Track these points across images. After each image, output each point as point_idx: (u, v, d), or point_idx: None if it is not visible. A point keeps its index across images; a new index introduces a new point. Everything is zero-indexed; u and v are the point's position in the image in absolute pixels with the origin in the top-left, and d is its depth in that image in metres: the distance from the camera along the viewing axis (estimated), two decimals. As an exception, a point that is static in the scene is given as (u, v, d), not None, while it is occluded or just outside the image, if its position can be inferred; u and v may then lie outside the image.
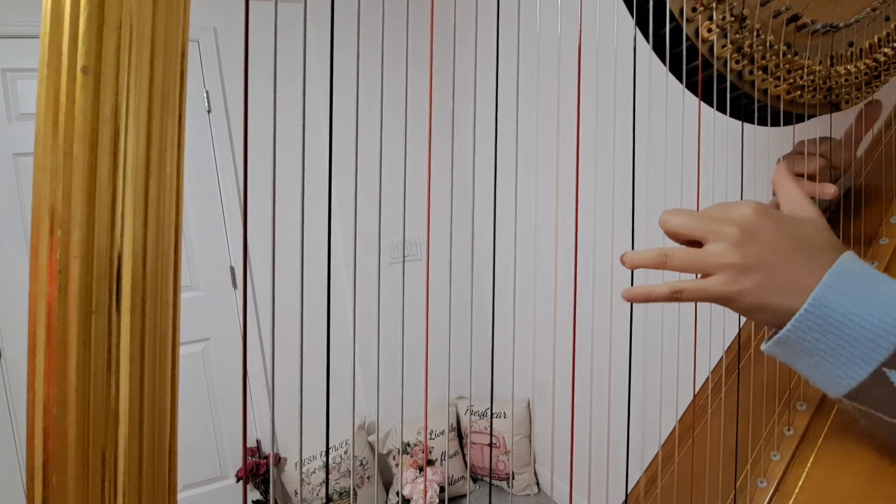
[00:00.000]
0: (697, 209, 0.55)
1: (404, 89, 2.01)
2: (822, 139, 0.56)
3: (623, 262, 0.38)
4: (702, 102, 0.52)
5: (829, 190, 0.50)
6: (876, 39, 0.56)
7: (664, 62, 0.50)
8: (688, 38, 0.48)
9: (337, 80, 2.03)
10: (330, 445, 2.09)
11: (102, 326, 0.25)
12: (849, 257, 0.34)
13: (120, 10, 0.25)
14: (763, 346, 0.36)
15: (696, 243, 0.37)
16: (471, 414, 2.20)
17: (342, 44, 1.99)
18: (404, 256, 0.46)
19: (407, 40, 2.03)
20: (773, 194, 0.51)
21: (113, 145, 0.25)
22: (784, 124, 0.56)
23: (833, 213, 0.63)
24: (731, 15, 0.48)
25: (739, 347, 0.61)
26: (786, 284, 0.34)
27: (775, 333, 0.35)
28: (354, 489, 2.08)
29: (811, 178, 0.54)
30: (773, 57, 0.50)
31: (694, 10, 0.47)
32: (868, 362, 0.31)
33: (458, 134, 2.32)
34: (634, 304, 1.61)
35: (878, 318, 0.31)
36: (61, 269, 0.25)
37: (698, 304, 0.37)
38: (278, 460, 2.09)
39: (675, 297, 0.36)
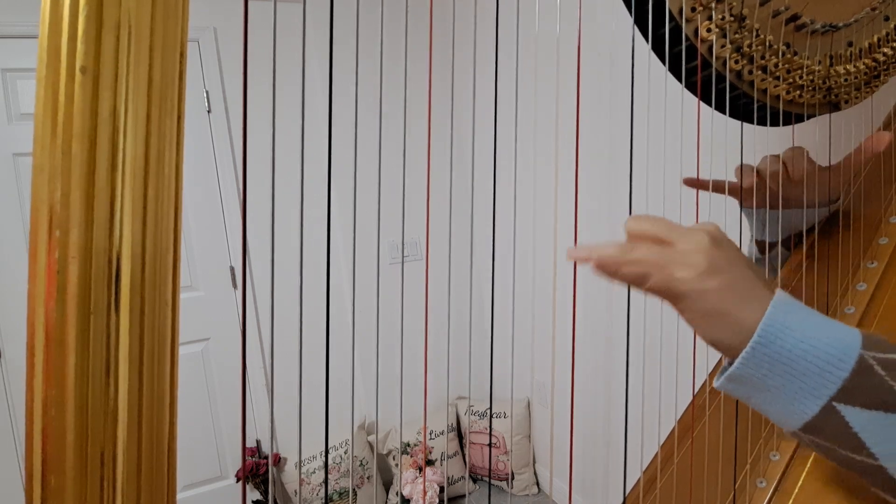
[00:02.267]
0: (697, 209, 0.55)
1: (403, 89, 2.01)
2: (795, 148, 0.56)
3: (574, 257, 0.36)
4: (701, 102, 0.52)
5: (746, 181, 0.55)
6: (875, 39, 0.56)
7: (663, 62, 0.50)
8: (687, 38, 0.48)
9: (336, 81, 2.03)
10: (330, 445, 2.09)
11: (101, 327, 0.25)
12: (782, 291, 0.34)
13: (118, 11, 0.25)
14: (715, 384, 0.35)
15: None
16: (470, 414, 2.20)
17: (342, 44, 1.99)
18: (403, 256, 0.46)
19: (406, 41, 2.03)
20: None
21: (111, 145, 0.25)
22: (783, 124, 0.56)
23: (832, 214, 0.63)
24: (731, 15, 0.48)
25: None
26: (745, 294, 0.34)
27: (725, 370, 0.35)
28: (354, 489, 2.08)
29: (762, 178, 0.56)
30: (773, 57, 0.50)
31: (693, 9, 0.47)
32: (818, 397, 0.31)
33: (457, 134, 2.32)
34: (632, 309, 1.59)
35: (823, 351, 0.31)
36: (60, 269, 0.24)
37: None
38: (278, 460, 2.09)
39: (642, 279, 0.34)
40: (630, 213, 0.46)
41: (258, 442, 2.16)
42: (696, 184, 0.58)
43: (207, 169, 2.03)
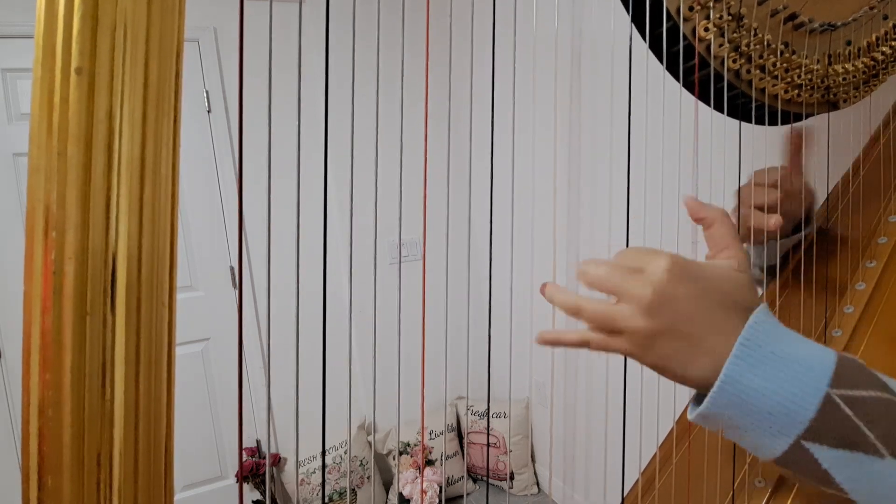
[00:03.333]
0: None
1: (400, 89, 2.01)
2: (779, 168, 0.56)
3: (542, 292, 0.38)
4: (699, 101, 0.52)
5: (772, 221, 0.51)
6: (874, 38, 0.56)
7: (661, 61, 0.50)
8: (685, 37, 0.48)
9: (333, 81, 2.03)
10: (330, 445, 2.09)
11: (97, 328, 0.25)
12: (760, 316, 0.33)
13: (114, 11, 0.25)
14: (689, 417, 0.36)
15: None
16: (470, 414, 2.20)
17: (340, 44, 1.99)
18: (401, 257, 0.46)
19: (403, 41, 2.03)
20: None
21: (107, 146, 0.25)
22: (782, 123, 0.56)
23: (830, 212, 0.63)
24: (729, 14, 0.47)
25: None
26: (693, 349, 0.33)
27: (697, 403, 0.35)
28: (354, 489, 2.08)
29: (769, 209, 0.54)
30: (771, 56, 0.50)
31: (691, 8, 0.47)
32: (786, 436, 0.31)
33: (454, 134, 2.32)
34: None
35: (789, 392, 0.31)
36: (56, 270, 0.24)
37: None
38: (278, 460, 2.09)
39: (584, 345, 0.37)
40: (628, 213, 0.46)
41: (258, 442, 2.16)
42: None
43: (207, 169, 2.03)
